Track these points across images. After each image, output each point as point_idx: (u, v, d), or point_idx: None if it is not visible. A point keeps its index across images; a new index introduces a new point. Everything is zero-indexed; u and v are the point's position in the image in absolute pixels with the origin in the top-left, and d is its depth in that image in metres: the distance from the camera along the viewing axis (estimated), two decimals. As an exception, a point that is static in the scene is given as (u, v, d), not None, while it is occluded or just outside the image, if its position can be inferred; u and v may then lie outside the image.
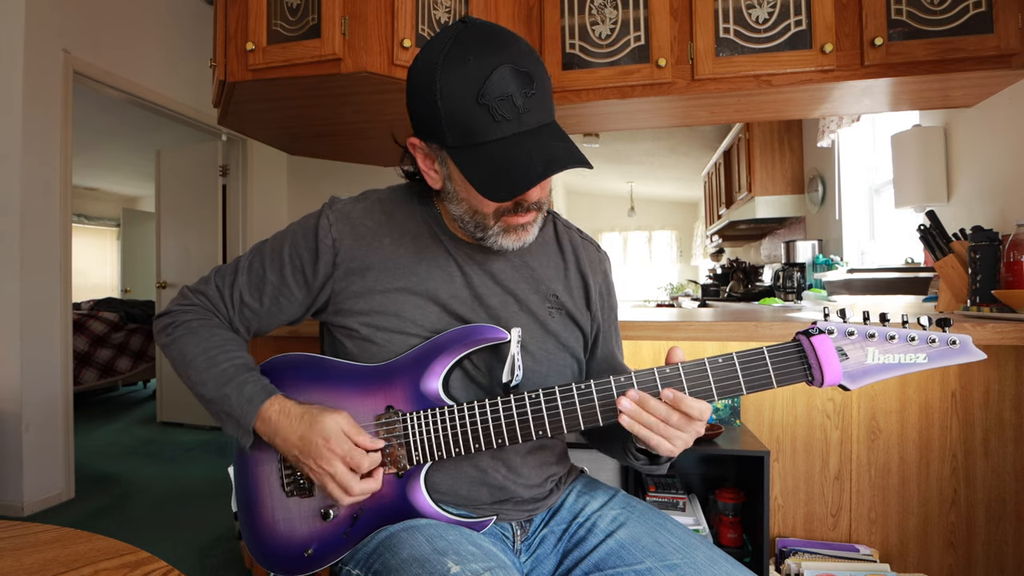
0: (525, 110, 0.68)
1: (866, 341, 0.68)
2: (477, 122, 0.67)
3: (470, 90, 0.66)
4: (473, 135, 0.68)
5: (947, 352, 0.67)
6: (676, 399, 0.67)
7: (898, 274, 2.37)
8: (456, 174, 0.74)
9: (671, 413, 0.67)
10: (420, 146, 0.77)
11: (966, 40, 1.61)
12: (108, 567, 0.60)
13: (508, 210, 0.75)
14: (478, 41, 0.68)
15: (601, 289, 0.92)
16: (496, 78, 0.66)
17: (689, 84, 1.81)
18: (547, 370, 0.83)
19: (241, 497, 0.84)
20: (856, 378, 0.68)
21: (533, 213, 0.77)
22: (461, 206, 0.77)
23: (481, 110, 0.67)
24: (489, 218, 0.76)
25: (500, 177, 0.68)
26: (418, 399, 0.77)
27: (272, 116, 2.07)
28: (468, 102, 0.67)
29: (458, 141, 0.69)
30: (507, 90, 0.67)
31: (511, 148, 0.68)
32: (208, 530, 2.28)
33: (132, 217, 7.61)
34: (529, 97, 0.68)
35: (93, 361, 4.52)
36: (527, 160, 0.67)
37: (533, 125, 0.69)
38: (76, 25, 2.77)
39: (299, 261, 0.83)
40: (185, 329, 0.83)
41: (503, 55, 0.67)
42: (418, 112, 0.73)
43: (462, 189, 0.76)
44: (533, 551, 0.84)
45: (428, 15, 1.74)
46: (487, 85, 0.66)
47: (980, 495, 1.37)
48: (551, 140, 0.69)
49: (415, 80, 0.72)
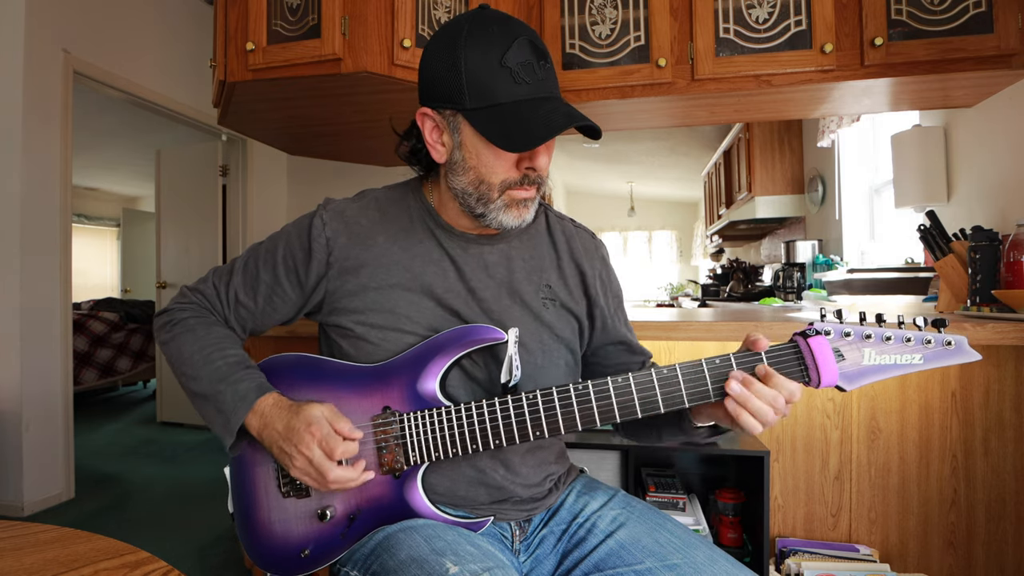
0: (543, 78, 0.73)
1: (862, 342, 0.68)
2: (499, 83, 0.71)
3: (494, 55, 0.71)
4: (494, 95, 0.72)
5: (942, 353, 0.67)
6: (768, 374, 0.68)
7: (898, 274, 2.37)
8: (469, 139, 0.75)
9: (777, 397, 0.67)
10: (431, 115, 0.78)
11: (966, 40, 1.61)
12: (108, 567, 0.60)
13: (514, 182, 0.76)
14: (498, 19, 0.74)
15: (601, 275, 0.92)
16: (517, 46, 0.71)
17: (689, 84, 1.81)
18: (541, 361, 0.83)
19: (238, 497, 0.84)
20: (853, 379, 0.68)
21: (535, 189, 0.78)
22: (467, 176, 0.77)
23: (503, 72, 0.71)
24: (494, 190, 0.76)
25: (519, 129, 0.71)
26: (415, 399, 0.77)
27: (272, 116, 2.07)
28: (491, 65, 0.71)
29: (477, 102, 0.72)
30: (527, 58, 0.72)
31: (530, 107, 0.72)
32: (208, 530, 2.28)
33: (132, 217, 7.61)
34: (545, 68, 0.74)
35: (93, 361, 4.52)
36: (546, 115, 0.71)
37: (549, 93, 0.74)
38: (76, 25, 2.77)
39: (292, 261, 0.83)
40: (183, 327, 0.84)
41: (521, 30, 0.73)
42: (435, 79, 0.75)
43: (472, 156, 0.76)
44: (532, 551, 0.84)
45: (428, 15, 1.74)
46: (510, 51, 0.71)
47: (980, 495, 1.37)
48: (566, 106, 0.74)
49: (436, 47, 0.76)
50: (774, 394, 0.67)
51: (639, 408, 0.71)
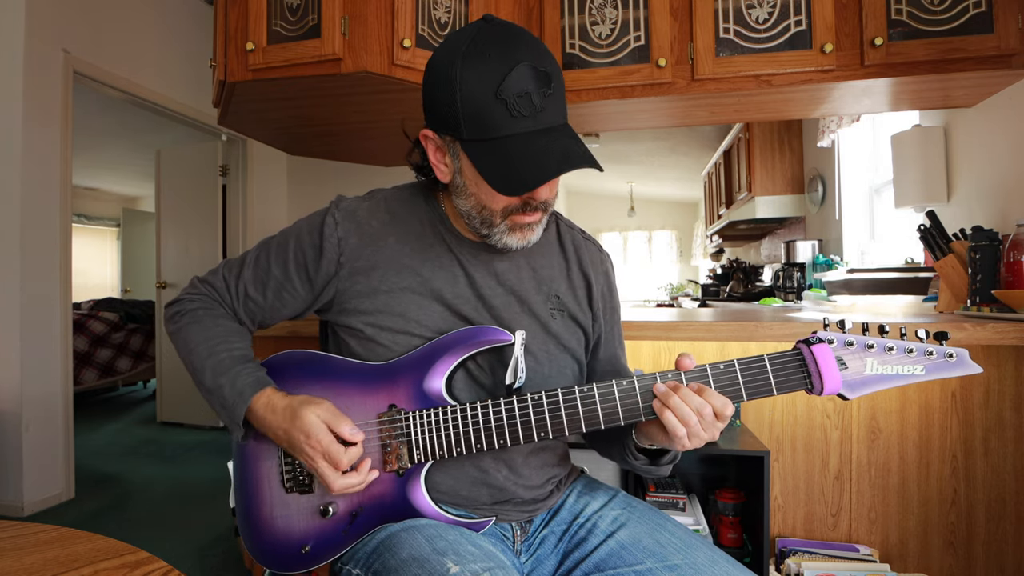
0: (542, 108, 0.69)
1: (865, 352, 0.69)
2: (494, 117, 0.68)
3: (490, 84, 0.67)
4: (489, 129, 0.69)
5: (944, 365, 0.68)
6: (701, 389, 0.68)
7: (898, 274, 2.37)
8: (468, 168, 0.74)
9: (704, 406, 0.67)
10: (433, 138, 0.77)
11: (966, 40, 1.61)
12: (108, 567, 0.60)
13: (516, 208, 0.75)
14: (499, 39, 0.70)
15: (603, 289, 0.92)
16: (516, 75, 0.67)
17: (689, 84, 1.81)
18: (548, 371, 0.83)
19: (240, 492, 0.84)
20: (855, 387, 0.69)
21: (540, 213, 0.77)
22: (469, 201, 0.77)
23: (499, 105, 0.67)
24: (496, 215, 0.76)
25: (513, 172, 0.68)
26: (421, 398, 0.77)
27: (272, 116, 2.07)
28: (487, 96, 0.67)
29: (473, 134, 0.70)
30: (526, 87, 0.68)
31: (526, 144, 0.68)
32: (208, 530, 2.28)
33: (132, 217, 7.61)
34: (546, 96, 0.69)
35: (93, 361, 4.52)
36: (542, 156, 0.68)
37: (548, 124, 0.70)
38: (76, 25, 2.77)
39: (303, 258, 0.83)
40: (191, 318, 0.84)
41: (523, 53, 0.69)
42: (434, 104, 0.74)
43: (472, 184, 0.75)
44: (533, 551, 0.84)
45: (428, 15, 1.74)
46: (506, 81, 0.67)
47: (980, 495, 1.37)
48: (565, 139, 0.70)
49: (434, 72, 0.73)
50: (701, 403, 0.67)
51: (643, 412, 0.71)
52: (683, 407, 0.67)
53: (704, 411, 0.67)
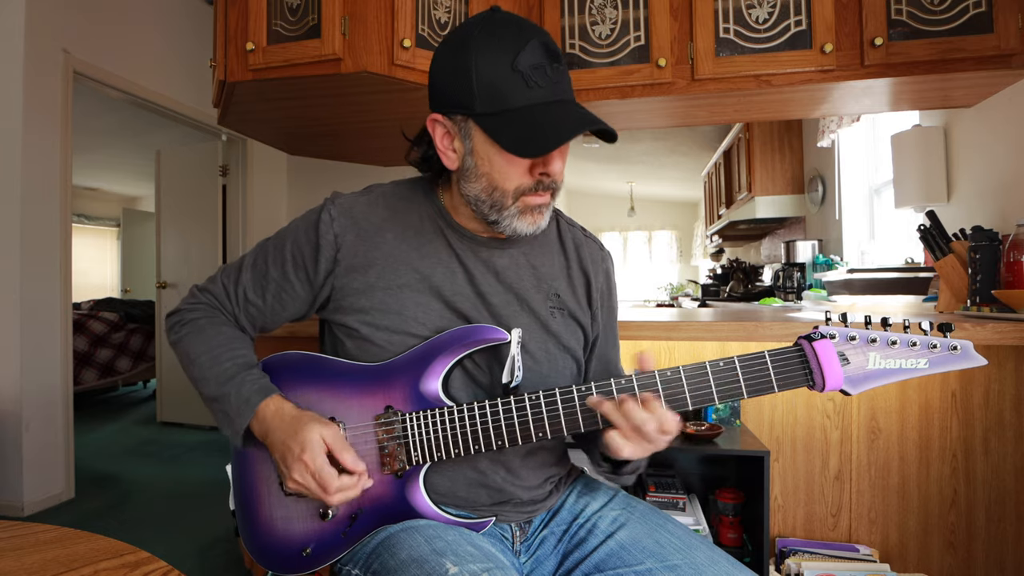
0: (556, 81, 0.71)
1: (868, 346, 0.68)
2: (511, 88, 0.70)
3: (505, 57, 0.69)
4: (505, 100, 0.70)
5: (948, 358, 0.67)
6: (646, 399, 0.68)
7: (898, 274, 2.37)
8: (480, 146, 0.74)
9: (648, 421, 0.66)
10: (442, 122, 0.77)
11: (966, 40, 1.61)
12: (108, 567, 0.60)
13: (528, 188, 0.75)
14: (509, 21, 0.73)
15: (602, 288, 0.92)
16: (530, 49, 0.70)
17: (689, 84, 1.81)
18: (547, 370, 0.83)
19: (240, 495, 0.84)
20: (857, 383, 0.68)
21: (549, 195, 0.77)
22: (480, 183, 0.76)
23: (515, 76, 0.69)
24: (508, 196, 0.75)
25: (532, 135, 0.69)
26: (417, 399, 0.77)
27: (272, 116, 2.07)
28: (503, 69, 0.70)
29: (488, 107, 0.71)
30: (540, 61, 0.70)
31: (543, 111, 0.70)
32: (208, 530, 2.28)
33: (132, 217, 7.61)
34: (558, 71, 0.72)
35: (93, 361, 4.52)
36: (559, 119, 0.70)
37: (562, 96, 0.72)
38: (76, 25, 2.77)
39: (301, 258, 0.82)
40: (192, 327, 0.83)
41: (533, 33, 0.71)
42: (445, 84, 0.74)
43: (484, 163, 0.75)
44: (533, 552, 0.84)
45: (428, 15, 1.74)
46: (522, 54, 0.69)
47: (980, 495, 1.37)
48: (580, 109, 0.72)
49: (446, 51, 0.75)
50: (645, 418, 0.66)
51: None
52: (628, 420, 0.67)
53: (647, 427, 0.66)
